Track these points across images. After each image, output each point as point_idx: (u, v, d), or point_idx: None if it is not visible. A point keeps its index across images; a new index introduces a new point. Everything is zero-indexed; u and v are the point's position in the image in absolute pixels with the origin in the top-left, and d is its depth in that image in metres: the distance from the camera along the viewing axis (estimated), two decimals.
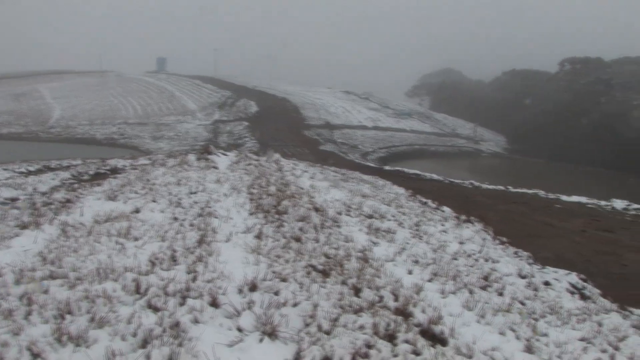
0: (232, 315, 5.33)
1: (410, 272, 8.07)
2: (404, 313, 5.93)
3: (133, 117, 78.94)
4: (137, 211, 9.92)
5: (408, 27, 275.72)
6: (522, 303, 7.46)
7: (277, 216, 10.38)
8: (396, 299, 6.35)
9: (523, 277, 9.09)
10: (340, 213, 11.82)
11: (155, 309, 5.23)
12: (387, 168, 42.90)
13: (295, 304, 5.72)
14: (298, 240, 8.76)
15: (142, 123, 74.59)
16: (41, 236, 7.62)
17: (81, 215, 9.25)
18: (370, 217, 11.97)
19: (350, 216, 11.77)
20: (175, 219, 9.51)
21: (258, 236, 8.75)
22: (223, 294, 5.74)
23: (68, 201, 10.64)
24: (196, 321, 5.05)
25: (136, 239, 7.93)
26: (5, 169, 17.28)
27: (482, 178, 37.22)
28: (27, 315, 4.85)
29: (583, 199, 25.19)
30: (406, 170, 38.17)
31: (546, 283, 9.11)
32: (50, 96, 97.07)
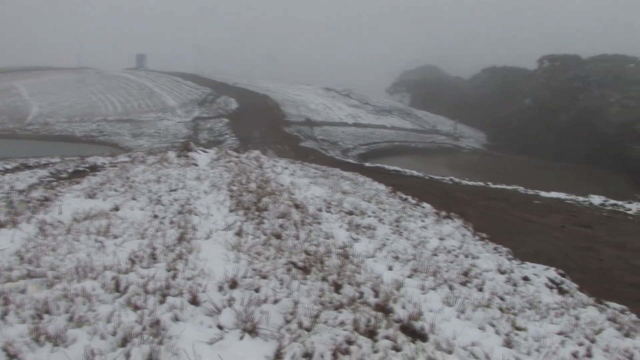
0: (213, 312, 5.32)
1: (390, 268, 8.11)
2: (385, 309, 5.96)
3: (112, 114, 78.06)
4: (117, 209, 9.85)
5: (386, 24, 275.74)
6: (502, 298, 7.53)
7: (258, 213, 10.36)
8: (376, 295, 6.37)
9: (502, 273, 9.18)
10: (320, 210, 11.83)
11: (135, 307, 5.20)
12: (368, 164, 42.86)
13: (275, 301, 5.72)
14: (278, 237, 8.76)
15: (122, 120, 73.81)
16: (18, 235, 7.53)
17: (60, 213, 9.16)
18: (350, 214, 11.99)
19: (330, 213, 11.79)
20: (155, 217, 9.46)
21: (238, 233, 8.73)
22: (203, 292, 5.73)
23: (46, 199, 10.54)
24: (176, 319, 5.03)
25: (116, 237, 7.88)
26: None
27: (462, 174, 37.31)
28: (4, 315, 4.79)
29: (562, 195, 25.45)
30: (386, 166, 38.17)
31: (525, 278, 9.20)
32: (27, 93, 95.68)
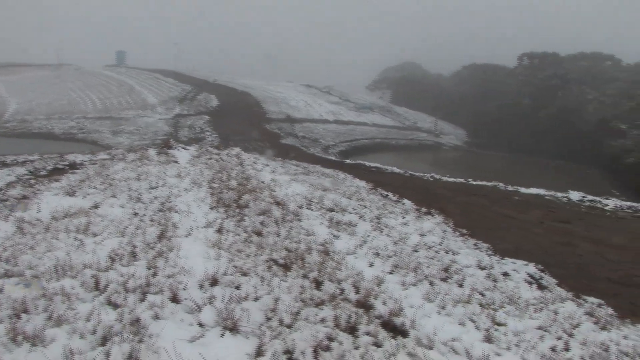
0: (193, 310, 5.30)
1: (371, 265, 8.13)
2: (365, 305, 5.98)
3: (92, 112, 77.39)
4: (97, 207, 9.78)
5: (367, 21, 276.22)
6: (482, 294, 7.59)
7: (238, 210, 10.34)
8: (357, 292, 6.39)
9: (482, 269, 9.25)
10: (301, 207, 11.83)
11: (115, 306, 5.17)
12: (349, 161, 42.94)
13: (256, 298, 5.71)
14: (259, 234, 8.75)
15: (102, 117, 73.18)
16: None
17: (38, 211, 9.08)
18: (331, 211, 12.00)
19: (311, 210, 11.79)
20: (135, 214, 9.41)
21: (219, 230, 8.70)
22: (184, 289, 5.70)
23: (24, 197, 10.43)
24: (157, 317, 5.01)
25: (95, 235, 7.82)
26: None
27: (443, 171, 37.58)
28: None
29: (541, 191, 25.71)
30: (367, 163, 38.27)
31: (505, 274, 9.29)
32: (4, 90, 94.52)
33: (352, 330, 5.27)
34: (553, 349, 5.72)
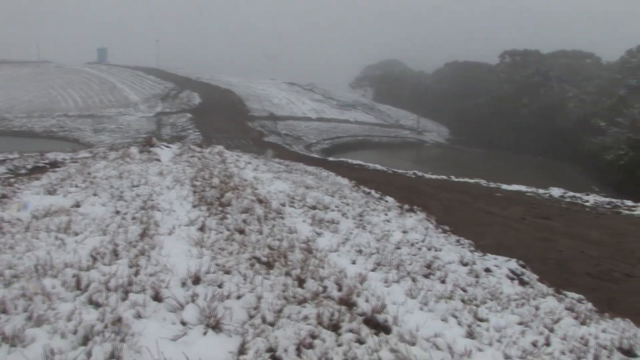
0: (176, 308, 5.28)
1: (354, 262, 8.15)
2: (348, 303, 5.99)
3: (73, 110, 76.68)
4: (78, 205, 9.72)
5: (348, 19, 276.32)
6: (464, 290, 7.64)
7: (221, 208, 10.32)
8: (340, 289, 6.40)
9: (465, 265, 9.31)
10: (284, 204, 11.83)
11: (96, 305, 5.13)
12: (331, 159, 43.04)
13: (239, 296, 5.70)
14: (242, 232, 8.74)
15: (83, 115, 72.58)
16: None
17: (18, 210, 8.99)
18: (314, 208, 12.01)
19: (294, 207, 11.79)
20: (117, 213, 9.35)
21: (201, 228, 8.68)
22: (166, 288, 5.68)
23: (4, 196, 10.33)
24: (139, 316, 4.98)
25: (77, 234, 7.76)
26: None
27: (425, 168, 37.78)
28: None
29: (522, 188, 25.94)
30: (350, 160, 38.36)
31: (487, 270, 9.36)
32: None
33: (335, 327, 5.29)
34: (534, 344, 5.77)
